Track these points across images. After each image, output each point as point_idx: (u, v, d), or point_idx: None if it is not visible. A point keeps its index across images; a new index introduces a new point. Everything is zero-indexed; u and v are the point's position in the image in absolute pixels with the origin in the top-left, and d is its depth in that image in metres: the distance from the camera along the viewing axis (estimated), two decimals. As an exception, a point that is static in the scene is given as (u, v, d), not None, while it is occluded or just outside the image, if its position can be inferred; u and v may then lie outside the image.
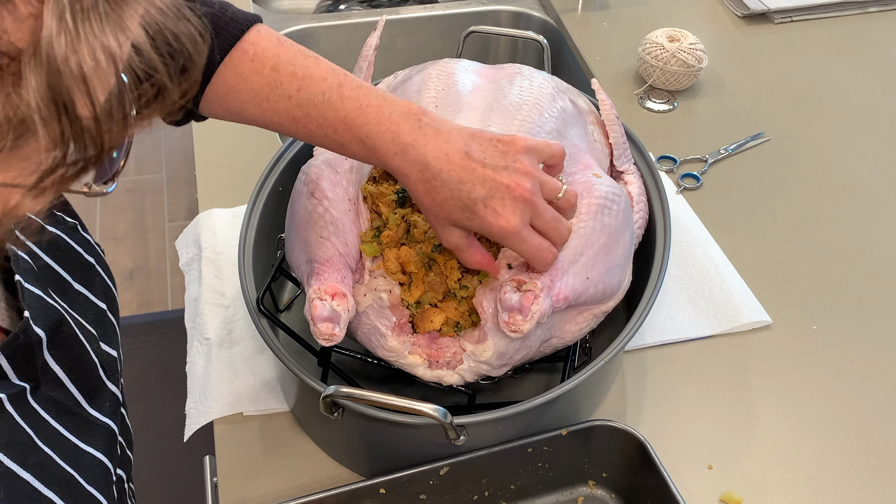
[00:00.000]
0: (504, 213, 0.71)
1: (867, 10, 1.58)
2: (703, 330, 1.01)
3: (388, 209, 0.82)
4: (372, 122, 0.71)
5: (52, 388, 0.58)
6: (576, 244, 0.79)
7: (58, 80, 0.37)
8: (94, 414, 0.61)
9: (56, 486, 0.55)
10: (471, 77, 0.92)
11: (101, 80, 0.38)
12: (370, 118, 0.71)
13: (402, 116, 0.71)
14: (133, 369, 2.13)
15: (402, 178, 0.72)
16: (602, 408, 0.93)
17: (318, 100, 0.72)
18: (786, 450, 0.91)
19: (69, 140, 0.39)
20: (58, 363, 0.58)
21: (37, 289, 0.59)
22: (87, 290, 0.66)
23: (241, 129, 1.30)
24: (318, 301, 0.76)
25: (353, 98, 0.72)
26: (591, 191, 0.83)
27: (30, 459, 0.54)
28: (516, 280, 0.75)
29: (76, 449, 0.58)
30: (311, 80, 0.73)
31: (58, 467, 0.56)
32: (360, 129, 0.71)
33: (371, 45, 0.99)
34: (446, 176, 0.70)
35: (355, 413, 0.77)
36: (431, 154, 0.70)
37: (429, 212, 0.74)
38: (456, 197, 0.71)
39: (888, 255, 1.12)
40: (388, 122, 0.71)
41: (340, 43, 1.55)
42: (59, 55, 0.37)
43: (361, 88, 0.73)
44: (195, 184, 1.21)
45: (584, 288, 0.79)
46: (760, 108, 1.36)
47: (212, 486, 0.88)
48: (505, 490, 0.86)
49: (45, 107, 0.38)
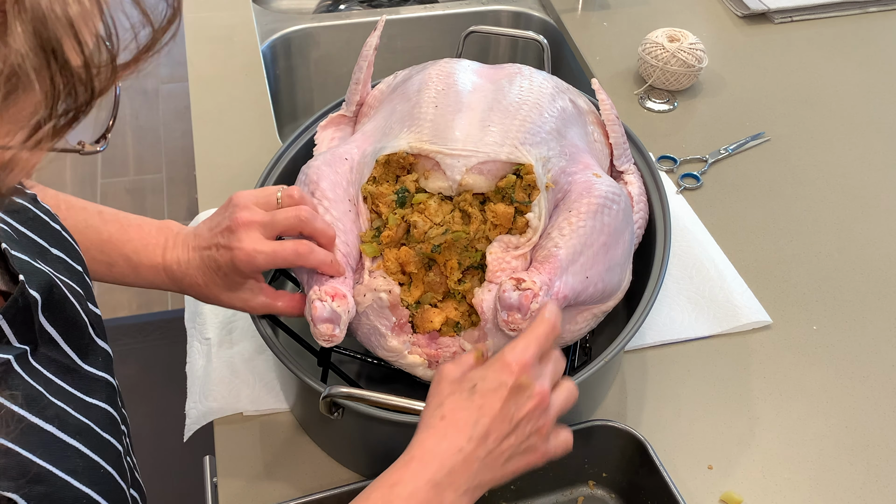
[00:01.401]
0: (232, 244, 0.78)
1: (867, 10, 1.58)
2: (703, 330, 1.01)
3: (388, 209, 0.82)
4: (135, 239, 0.79)
5: (49, 348, 0.60)
6: (575, 243, 0.79)
7: (44, 27, 0.37)
8: (90, 369, 0.63)
9: (78, 435, 0.57)
10: (471, 77, 0.92)
11: (87, 23, 0.39)
12: (132, 235, 0.80)
13: (159, 230, 0.81)
14: (133, 369, 2.13)
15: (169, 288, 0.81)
16: (602, 408, 0.93)
17: (82, 226, 0.79)
18: (786, 450, 0.91)
19: (59, 88, 0.39)
20: (51, 324, 0.60)
21: (23, 255, 0.60)
22: (64, 254, 0.68)
23: (241, 129, 1.30)
24: (318, 302, 0.76)
25: (114, 221, 0.79)
26: (591, 190, 0.83)
27: (48, 412, 0.56)
28: (515, 279, 0.75)
29: (84, 402, 0.60)
30: (73, 210, 0.80)
31: (74, 418, 0.58)
32: (124, 246, 0.79)
33: (371, 45, 0.99)
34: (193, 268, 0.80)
35: (355, 413, 0.77)
36: (183, 258, 0.80)
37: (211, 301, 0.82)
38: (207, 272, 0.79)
39: (888, 255, 1.12)
40: (149, 237, 0.80)
41: (340, 43, 1.55)
42: (44, 1, 0.37)
43: (120, 214, 0.81)
44: (195, 184, 1.21)
45: (583, 287, 0.79)
46: (760, 108, 1.36)
47: (212, 486, 0.88)
48: (505, 490, 0.86)
49: (34, 55, 0.38)
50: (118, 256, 0.80)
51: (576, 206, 0.82)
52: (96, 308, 0.69)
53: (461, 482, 0.64)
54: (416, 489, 0.62)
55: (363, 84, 1.00)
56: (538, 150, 0.82)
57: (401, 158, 0.82)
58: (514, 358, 0.66)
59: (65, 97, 0.40)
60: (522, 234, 0.80)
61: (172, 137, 2.91)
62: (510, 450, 0.66)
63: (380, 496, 0.62)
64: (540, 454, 0.69)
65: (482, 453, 0.65)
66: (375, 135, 0.90)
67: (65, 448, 0.56)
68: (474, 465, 0.64)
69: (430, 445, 0.64)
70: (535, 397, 0.66)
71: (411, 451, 0.65)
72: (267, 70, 1.44)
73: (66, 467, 0.55)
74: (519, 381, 0.66)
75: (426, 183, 0.83)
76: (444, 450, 0.64)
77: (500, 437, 0.65)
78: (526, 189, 0.80)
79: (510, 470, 0.67)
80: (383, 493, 0.63)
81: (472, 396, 0.65)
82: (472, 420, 0.65)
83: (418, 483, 0.63)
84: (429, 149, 0.82)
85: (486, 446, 0.65)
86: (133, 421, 0.71)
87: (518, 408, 0.66)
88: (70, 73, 0.39)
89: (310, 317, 0.76)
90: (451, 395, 0.66)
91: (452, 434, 0.64)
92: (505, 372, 0.66)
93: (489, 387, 0.65)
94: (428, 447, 0.64)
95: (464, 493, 0.64)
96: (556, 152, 0.84)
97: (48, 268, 0.63)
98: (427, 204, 0.81)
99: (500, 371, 0.66)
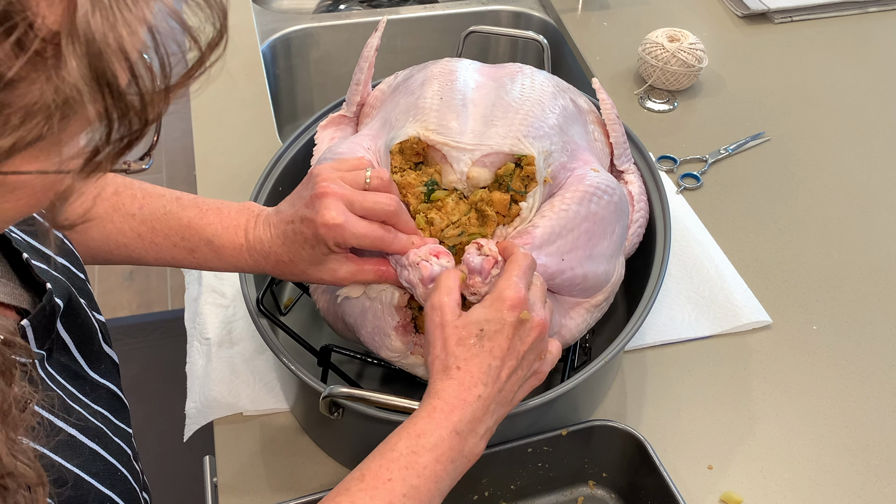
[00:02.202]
0: (317, 216, 0.74)
1: (867, 10, 1.58)
2: (703, 330, 1.01)
3: (416, 200, 0.82)
4: (215, 223, 0.78)
5: (62, 354, 0.61)
6: (554, 224, 0.79)
7: (98, 59, 0.37)
8: (95, 376, 0.64)
9: (96, 439, 0.59)
10: (473, 75, 0.92)
11: (140, 54, 0.39)
12: (212, 219, 0.78)
13: (239, 212, 0.79)
14: (133, 369, 2.13)
15: (252, 270, 0.80)
16: (602, 408, 0.93)
17: (160, 213, 0.78)
18: (786, 450, 0.91)
19: (114, 118, 0.40)
20: (66, 331, 0.61)
21: (42, 264, 0.61)
22: (67, 262, 0.68)
23: (241, 129, 1.30)
24: (425, 263, 0.75)
25: (193, 206, 0.78)
26: (583, 179, 0.83)
27: (72, 416, 0.57)
28: (477, 244, 0.76)
29: (92, 408, 0.61)
30: (151, 197, 0.79)
31: (90, 421, 0.59)
32: (205, 229, 0.78)
33: (372, 46, 0.99)
34: (277, 244, 0.77)
35: (355, 413, 0.77)
36: (266, 237, 0.78)
37: (296, 277, 0.79)
38: (291, 247, 0.77)
39: (888, 255, 1.12)
40: (229, 220, 0.78)
41: (340, 43, 1.55)
42: (98, 33, 0.37)
43: (198, 198, 0.80)
44: (195, 184, 1.21)
45: (558, 269, 0.79)
46: (760, 108, 1.36)
47: (212, 486, 0.88)
48: (505, 490, 0.86)
49: (89, 87, 0.38)
50: (199, 241, 0.78)
51: (563, 192, 0.82)
52: (100, 315, 0.69)
53: (481, 426, 0.68)
54: (441, 439, 0.65)
55: (364, 84, 1.00)
56: (541, 144, 0.82)
57: (413, 144, 0.82)
58: (510, 295, 0.70)
59: (119, 126, 0.40)
60: (511, 223, 0.80)
61: (172, 137, 2.91)
62: (519, 381, 0.71)
63: (406, 445, 0.65)
64: (541, 375, 0.74)
65: (496, 394, 0.69)
66: (383, 129, 0.89)
67: (88, 451, 0.57)
68: (491, 406, 0.68)
69: (450, 395, 0.67)
70: (536, 328, 0.71)
71: (431, 400, 0.67)
72: (267, 70, 1.44)
73: (90, 470, 0.56)
74: (520, 316, 0.69)
75: (440, 178, 0.82)
76: (464, 398, 0.67)
77: (510, 373, 0.70)
78: (524, 180, 0.80)
79: (518, 398, 0.72)
80: (409, 442, 0.65)
81: (481, 342, 0.69)
82: (486, 365, 0.68)
83: (442, 433, 0.66)
84: (435, 139, 0.81)
85: (499, 385, 0.69)
86: (133, 421, 0.71)
87: (523, 341, 0.70)
88: (124, 104, 0.39)
89: (417, 278, 0.75)
90: (461, 343, 0.69)
91: (469, 382, 0.67)
92: (505, 310, 0.69)
93: (494, 328, 0.69)
94: (448, 397, 0.67)
95: (482, 435, 0.68)
96: (559, 147, 0.84)
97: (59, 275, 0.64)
98: (445, 201, 0.81)
99: (501, 311, 0.69)
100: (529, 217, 0.80)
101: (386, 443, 0.66)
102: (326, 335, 0.98)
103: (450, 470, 0.66)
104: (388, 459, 0.64)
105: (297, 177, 0.93)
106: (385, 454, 0.65)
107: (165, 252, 0.78)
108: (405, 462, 0.64)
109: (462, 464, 0.67)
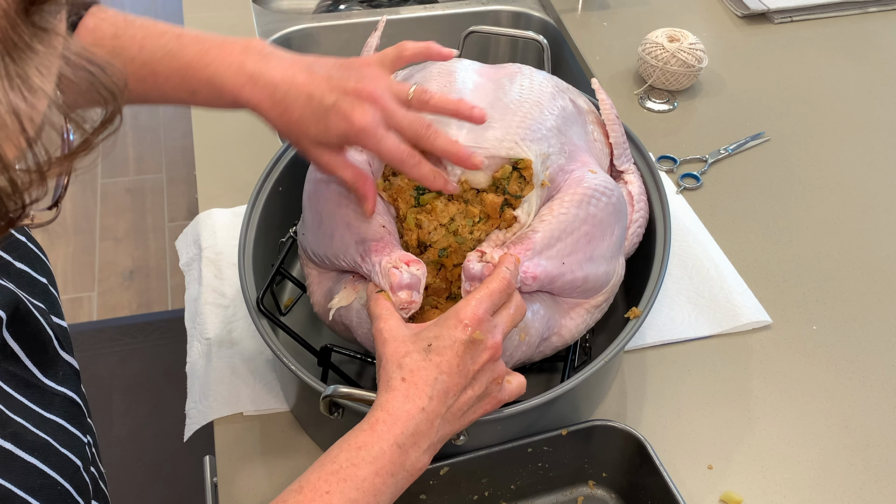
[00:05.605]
0: (354, 113, 0.71)
1: (867, 10, 1.58)
2: (703, 330, 1.01)
3: (406, 205, 0.82)
4: (216, 61, 0.73)
5: (10, 363, 0.59)
6: (553, 228, 0.80)
7: None
8: (50, 384, 0.62)
9: (36, 452, 0.57)
10: (472, 76, 0.92)
11: (10, 140, 0.37)
12: (213, 57, 0.73)
13: (244, 50, 0.73)
14: (133, 369, 2.13)
15: (256, 109, 0.73)
16: (602, 408, 0.93)
17: (160, 54, 0.73)
18: (786, 450, 0.91)
19: None
20: (15, 340, 0.60)
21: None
22: (27, 267, 0.67)
23: (241, 129, 1.30)
24: (395, 270, 0.75)
25: (194, 43, 0.74)
26: (581, 181, 0.83)
27: (6, 430, 0.55)
28: (479, 251, 0.76)
29: (42, 417, 0.60)
30: (151, 38, 0.74)
31: (33, 434, 0.57)
32: (206, 69, 0.73)
33: (371, 46, 0.99)
34: (295, 93, 0.72)
35: (355, 413, 0.77)
36: (278, 76, 0.72)
37: (289, 135, 0.75)
38: (308, 111, 0.72)
39: (888, 255, 1.12)
40: (231, 58, 0.73)
41: (340, 43, 1.55)
42: None
43: (200, 35, 0.74)
44: (195, 184, 1.21)
45: (559, 272, 0.79)
46: (760, 108, 1.36)
47: (212, 486, 0.88)
48: (505, 490, 0.86)
49: None
50: (200, 82, 0.74)
51: (562, 195, 0.83)
52: (62, 321, 0.68)
53: (424, 440, 0.67)
54: (382, 451, 0.65)
55: (363, 84, 1.00)
56: (538, 147, 0.82)
57: None
58: (466, 314, 0.69)
59: None
60: (509, 227, 0.80)
61: (172, 137, 2.91)
62: (469, 402, 0.69)
63: (346, 458, 0.64)
64: (496, 401, 0.72)
65: (443, 409, 0.67)
66: None
67: (22, 465, 0.55)
68: (436, 421, 0.67)
69: (394, 407, 0.66)
70: (489, 350, 0.69)
71: (375, 413, 0.67)
72: (267, 70, 1.44)
73: (26, 486, 0.54)
74: (472, 336, 0.68)
75: None
76: (408, 410, 0.66)
77: (459, 391, 0.68)
78: (520, 183, 0.80)
79: (468, 420, 0.71)
80: (350, 454, 0.64)
81: (429, 355, 0.68)
82: (432, 378, 0.67)
83: (383, 445, 0.65)
84: None
85: (446, 402, 0.68)
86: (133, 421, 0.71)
87: (474, 361, 0.69)
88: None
89: (387, 285, 0.75)
90: (407, 356, 0.68)
91: (414, 394, 0.66)
92: (458, 328, 0.68)
93: (444, 344, 0.68)
94: (391, 409, 0.66)
95: (426, 450, 0.67)
96: (556, 149, 0.84)
97: (11, 283, 0.62)
98: (434, 204, 0.81)
99: (453, 328, 0.68)
100: (528, 221, 0.80)
101: (327, 455, 0.65)
102: (326, 335, 0.99)
103: (390, 483, 0.65)
104: (327, 472, 0.64)
105: (298, 177, 0.94)
106: (325, 466, 0.64)
107: (168, 94, 0.75)
108: (344, 475, 0.63)
109: (403, 477, 0.66)
